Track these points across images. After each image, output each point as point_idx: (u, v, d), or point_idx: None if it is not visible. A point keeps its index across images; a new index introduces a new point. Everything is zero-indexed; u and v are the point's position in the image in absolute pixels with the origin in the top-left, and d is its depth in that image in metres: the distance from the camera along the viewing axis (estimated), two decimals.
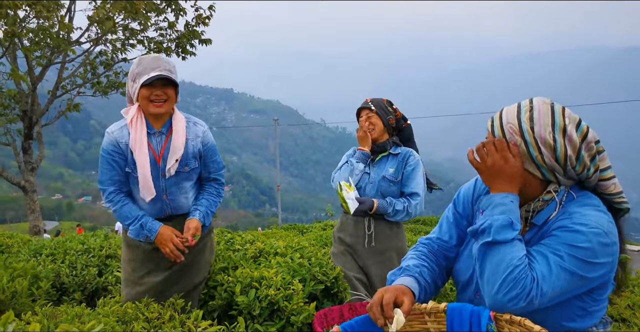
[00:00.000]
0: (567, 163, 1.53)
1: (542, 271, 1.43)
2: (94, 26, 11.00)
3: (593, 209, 1.53)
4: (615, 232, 1.51)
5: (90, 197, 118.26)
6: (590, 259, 1.44)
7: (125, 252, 2.90)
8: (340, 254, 3.44)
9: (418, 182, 3.44)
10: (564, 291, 1.45)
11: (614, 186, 1.59)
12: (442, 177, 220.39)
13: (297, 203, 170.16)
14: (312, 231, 11.07)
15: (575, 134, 1.52)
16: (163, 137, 2.77)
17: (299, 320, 2.49)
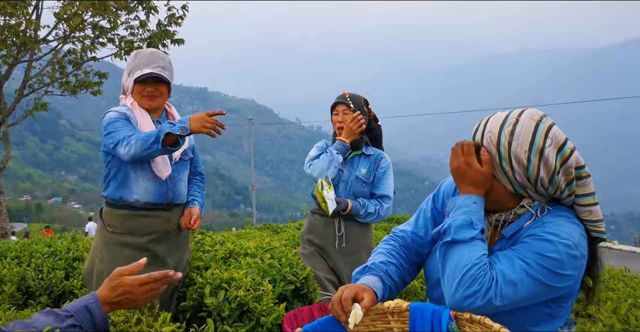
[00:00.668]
0: (538, 183, 1.51)
1: (502, 271, 1.44)
2: (61, 24, 10.80)
3: (566, 221, 1.53)
4: (585, 246, 1.51)
5: (60, 198, 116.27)
6: (557, 269, 1.44)
7: (105, 254, 2.78)
8: (310, 255, 3.43)
9: (389, 185, 3.48)
10: (527, 296, 1.46)
11: (589, 212, 1.57)
12: (417, 175, 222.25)
13: (273, 203, 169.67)
14: (287, 231, 11.06)
15: (554, 156, 1.49)
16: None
17: (269, 321, 2.48)
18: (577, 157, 1.52)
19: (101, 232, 2.83)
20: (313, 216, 3.51)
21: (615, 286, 3.32)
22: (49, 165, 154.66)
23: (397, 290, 1.76)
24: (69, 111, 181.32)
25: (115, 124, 2.68)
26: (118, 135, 2.63)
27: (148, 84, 2.77)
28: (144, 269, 2.72)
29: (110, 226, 2.79)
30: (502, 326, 1.29)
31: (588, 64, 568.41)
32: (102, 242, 2.81)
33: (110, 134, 2.66)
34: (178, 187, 2.90)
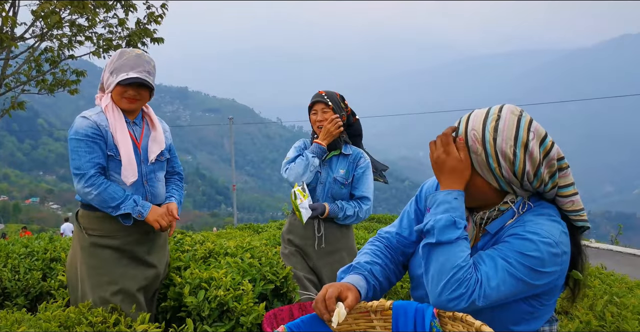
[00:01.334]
0: (524, 178, 1.53)
1: (487, 272, 1.45)
2: (39, 21, 10.63)
3: (547, 219, 1.54)
4: (566, 243, 1.52)
5: (38, 199, 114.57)
6: (538, 267, 1.45)
7: (85, 258, 2.72)
8: (290, 255, 3.40)
9: (369, 185, 3.43)
10: (509, 295, 1.47)
11: (571, 203, 1.60)
12: (397, 175, 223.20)
13: (254, 202, 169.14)
14: (268, 230, 11.02)
15: (538, 149, 1.51)
16: (138, 128, 2.84)
17: (249, 320, 2.47)
18: (557, 149, 1.55)
19: (78, 236, 2.77)
20: (293, 216, 3.46)
21: (592, 283, 3.36)
22: (27, 165, 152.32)
23: (381, 290, 1.76)
24: (47, 110, 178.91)
25: (79, 146, 2.63)
26: (78, 163, 2.62)
27: (131, 88, 2.72)
28: (123, 270, 2.71)
29: (87, 229, 2.73)
30: (483, 323, 1.30)
31: (561, 65, 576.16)
32: (80, 246, 2.74)
33: (72, 156, 2.64)
34: (155, 188, 2.88)
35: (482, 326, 1.29)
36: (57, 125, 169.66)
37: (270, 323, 2.41)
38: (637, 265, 11.07)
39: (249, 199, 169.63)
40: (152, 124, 2.92)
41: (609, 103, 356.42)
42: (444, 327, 1.42)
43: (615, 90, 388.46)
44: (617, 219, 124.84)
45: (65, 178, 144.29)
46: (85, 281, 2.71)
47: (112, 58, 2.77)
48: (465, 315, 1.35)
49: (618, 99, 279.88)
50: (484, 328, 1.29)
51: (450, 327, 1.41)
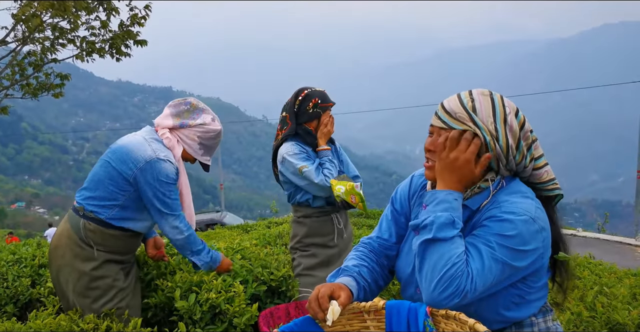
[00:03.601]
0: (509, 152, 1.56)
1: (476, 267, 1.45)
2: (20, 25, 10.51)
3: (520, 197, 1.55)
4: (543, 218, 1.54)
5: (24, 203, 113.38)
6: (520, 246, 1.47)
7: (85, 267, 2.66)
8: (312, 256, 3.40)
9: (352, 165, 3.62)
10: (496, 282, 1.47)
11: (546, 173, 1.64)
12: (384, 169, 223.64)
13: (242, 201, 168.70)
14: (257, 230, 10.99)
15: (516, 122, 1.56)
16: None
17: (242, 322, 2.47)
18: (528, 122, 1.60)
19: (81, 248, 2.68)
20: (308, 219, 3.43)
21: (581, 274, 3.40)
22: (11, 169, 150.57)
23: (371, 292, 1.77)
24: (30, 114, 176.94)
25: (172, 190, 2.75)
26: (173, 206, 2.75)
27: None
28: (126, 274, 2.74)
29: (98, 245, 2.68)
30: (477, 321, 1.30)
31: (543, 56, 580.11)
32: (83, 258, 2.67)
33: (165, 199, 2.71)
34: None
35: (476, 324, 1.29)
36: (42, 129, 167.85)
37: (267, 322, 2.41)
38: (624, 253, 11.19)
39: (237, 197, 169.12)
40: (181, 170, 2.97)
41: (592, 92, 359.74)
42: (437, 325, 1.42)
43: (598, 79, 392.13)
44: (603, 207, 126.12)
45: (51, 182, 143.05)
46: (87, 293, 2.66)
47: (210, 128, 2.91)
48: (459, 313, 1.36)
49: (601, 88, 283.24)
50: (477, 326, 1.29)
51: (444, 325, 1.41)
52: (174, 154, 2.78)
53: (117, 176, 2.64)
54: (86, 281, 2.65)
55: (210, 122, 2.87)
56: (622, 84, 39.86)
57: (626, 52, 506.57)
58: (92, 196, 2.68)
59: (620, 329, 2.35)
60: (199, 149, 2.88)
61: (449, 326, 1.40)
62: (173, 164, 2.73)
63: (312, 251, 3.43)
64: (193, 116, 2.84)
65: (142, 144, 2.69)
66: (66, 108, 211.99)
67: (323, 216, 3.43)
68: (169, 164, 2.69)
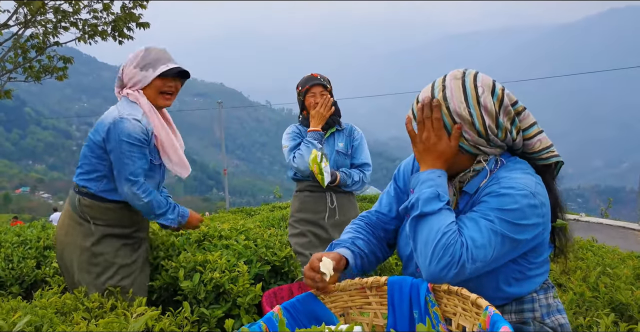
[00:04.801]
0: (489, 132, 1.55)
1: (471, 235, 1.45)
2: (22, 8, 10.46)
3: (520, 173, 1.56)
4: (543, 193, 1.54)
5: (28, 188, 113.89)
6: (520, 220, 1.46)
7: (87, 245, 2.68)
8: (300, 235, 3.51)
9: (366, 153, 3.64)
10: (497, 255, 1.47)
11: (539, 142, 1.62)
12: (387, 156, 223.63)
13: (245, 186, 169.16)
14: (260, 214, 11.05)
15: (491, 101, 1.55)
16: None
17: (246, 301, 2.48)
18: (508, 95, 1.58)
19: (80, 225, 2.71)
20: (301, 193, 3.58)
21: (584, 255, 3.40)
22: (15, 154, 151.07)
23: (369, 262, 1.78)
24: (34, 99, 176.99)
25: (133, 151, 2.60)
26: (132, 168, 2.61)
27: (172, 79, 2.74)
28: (131, 251, 2.74)
29: (95, 219, 2.69)
30: (479, 296, 1.30)
31: (548, 41, 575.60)
32: (83, 235, 2.69)
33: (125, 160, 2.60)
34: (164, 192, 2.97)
35: (478, 299, 1.30)
36: (45, 113, 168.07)
37: (270, 302, 2.43)
38: (627, 237, 11.21)
39: (240, 183, 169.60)
40: (171, 125, 2.91)
41: (597, 78, 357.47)
42: (439, 301, 1.43)
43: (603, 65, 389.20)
44: (606, 192, 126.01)
45: (55, 167, 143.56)
46: (90, 269, 2.68)
47: (135, 55, 2.71)
48: (460, 288, 1.36)
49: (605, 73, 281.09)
50: (479, 301, 1.29)
51: (446, 301, 1.42)
52: (141, 106, 2.68)
53: (94, 146, 2.66)
54: (87, 256, 2.67)
55: (132, 53, 2.76)
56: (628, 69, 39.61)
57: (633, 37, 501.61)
58: (81, 172, 2.71)
59: (623, 308, 2.36)
60: (145, 72, 2.68)
61: (450, 301, 1.40)
62: (139, 121, 2.62)
63: (300, 229, 3.51)
64: (126, 64, 2.75)
65: (111, 110, 2.70)
66: (69, 93, 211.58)
67: (317, 192, 3.51)
68: (133, 122, 2.60)
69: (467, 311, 1.35)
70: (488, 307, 1.24)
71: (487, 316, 1.22)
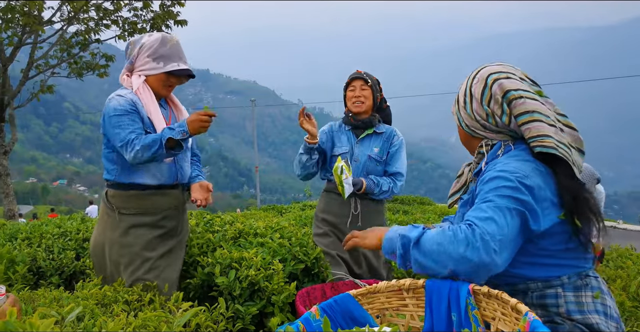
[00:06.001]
0: (477, 117, 1.76)
1: (474, 215, 1.50)
2: (65, 5, 10.73)
3: (517, 159, 1.62)
4: (540, 180, 1.56)
5: (65, 181, 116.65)
6: (516, 194, 1.50)
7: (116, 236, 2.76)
8: (324, 235, 3.43)
9: (402, 162, 3.48)
10: (511, 226, 1.47)
11: (528, 130, 1.65)
12: (419, 156, 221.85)
13: (276, 184, 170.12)
14: (291, 212, 11.10)
15: (479, 91, 1.75)
16: (164, 110, 2.89)
17: (280, 299, 2.51)
18: (500, 84, 1.70)
19: (109, 216, 2.79)
20: (328, 194, 3.52)
21: (624, 264, 3.33)
22: (54, 148, 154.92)
23: None
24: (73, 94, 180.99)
25: (121, 120, 2.65)
26: (123, 135, 2.61)
27: (177, 78, 2.80)
28: (159, 243, 2.77)
29: (120, 208, 2.76)
30: (519, 301, 1.29)
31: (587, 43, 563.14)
32: (111, 227, 2.78)
33: (116, 131, 2.64)
34: (184, 168, 2.94)
35: (518, 304, 1.29)
36: (84, 108, 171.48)
37: (303, 301, 2.44)
38: None
39: (270, 180, 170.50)
40: (175, 106, 2.97)
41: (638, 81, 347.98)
42: (478, 304, 1.42)
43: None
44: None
45: (92, 160, 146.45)
46: (119, 260, 2.74)
47: (150, 42, 2.74)
48: (501, 292, 1.35)
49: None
50: (519, 306, 1.28)
51: (485, 304, 1.41)
52: (134, 89, 2.73)
53: (103, 139, 2.77)
54: (116, 248, 2.74)
55: (148, 39, 2.77)
56: None
57: None
58: (104, 166, 2.81)
59: None
60: (156, 64, 2.74)
61: (490, 305, 1.39)
62: (123, 96, 2.68)
63: (324, 229, 3.45)
64: (134, 49, 2.79)
65: None
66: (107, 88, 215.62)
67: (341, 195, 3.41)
68: (117, 98, 2.68)
69: (506, 316, 1.34)
70: (528, 312, 1.24)
71: (527, 321, 1.22)
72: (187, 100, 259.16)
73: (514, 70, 1.76)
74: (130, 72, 2.84)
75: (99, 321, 1.79)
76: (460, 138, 1.91)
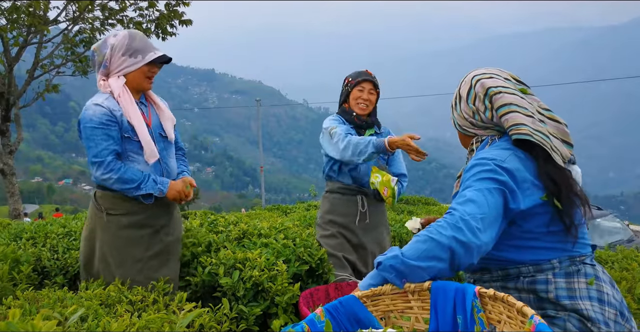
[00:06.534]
0: (465, 115, 1.88)
1: (455, 202, 1.60)
2: (70, 5, 10.76)
3: (497, 148, 1.74)
4: (518, 164, 1.65)
5: (71, 180, 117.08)
6: (495, 175, 1.61)
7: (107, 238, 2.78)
8: (332, 236, 3.41)
9: (403, 162, 3.50)
10: (492, 205, 1.56)
11: (506, 121, 1.74)
12: None
13: (281, 184, 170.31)
14: (296, 212, 11.09)
15: (466, 90, 1.87)
16: (144, 107, 2.89)
17: (284, 300, 2.50)
18: (482, 83, 1.82)
19: (97, 216, 2.82)
20: (332, 195, 3.48)
21: (629, 265, 3.30)
22: (59, 147, 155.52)
23: None
24: (78, 93, 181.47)
25: (95, 133, 2.65)
26: (95, 151, 2.65)
27: (155, 66, 2.83)
28: (149, 242, 2.78)
29: (108, 209, 2.78)
30: (525, 304, 1.29)
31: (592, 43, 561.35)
32: (100, 227, 2.80)
33: (89, 144, 2.66)
34: (169, 165, 2.94)
35: (524, 307, 1.28)
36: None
37: (307, 302, 2.44)
38: None
39: (275, 180, 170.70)
40: (155, 103, 2.97)
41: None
42: (484, 307, 1.41)
43: None
44: None
45: None
46: (109, 260, 2.77)
47: (119, 41, 2.73)
48: (507, 295, 1.34)
49: None
50: (525, 309, 1.28)
51: (491, 307, 1.40)
52: (112, 91, 2.74)
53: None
54: (106, 248, 2.76)
55: (115, 39, 2.76)
56: None
57: None
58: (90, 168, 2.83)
59: None
60: (134, 58, 2.74)
61: (495, 308, 1.38)
62: (100, 104, 2.68)
63: (331, 230, 3.42)
64: (103, 53, 2.77)
65: None
66: None
67: (348, 195, 3.41)
68: (93, 107, 2.68)
69: (512, 319, 1.33)
70: (533, 316, 1.23)
71: (533, 325, 1.21)
72: (193, 100, 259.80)
73: (499, 72, 1.87)
74: (106, 76, 2.82)
75: (102, 321, 1.79)
76: (459, 140, 2.01)
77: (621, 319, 1.64)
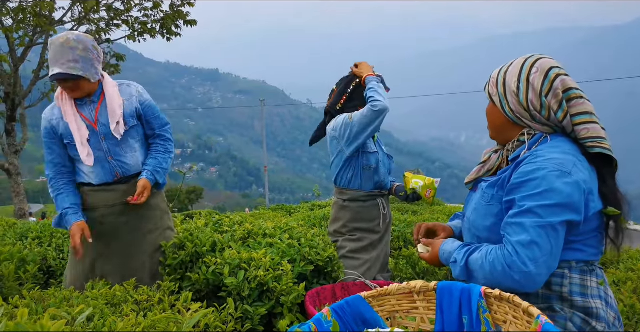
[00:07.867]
0: (531, 107, 1.68)
1: (517, 240, 1.54)
2: (76, 6, 10.80)
3: (559, 152, 1.61)
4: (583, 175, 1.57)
5: None
6: (560, 200, 1.52)
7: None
8: (358, 240, 3.42)
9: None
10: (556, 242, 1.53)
11: (586, 130, 1.65)
12: (427, 156, 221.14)
13: (285, 184, 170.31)
14: (300, 212, 11.10)
15: (540, 81, 1.67)
16: (95, 105, 2.82)
17: (289, 300, 2.50)
18: (563, 80, 1.67)
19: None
20: (353, 204, 3.44)
21: (635, 266, 3.30)
22: None
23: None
24: None
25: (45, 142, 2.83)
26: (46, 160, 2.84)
27: (62, 81, 2.69)
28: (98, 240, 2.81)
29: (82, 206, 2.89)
30: (531, 305, 1.28)
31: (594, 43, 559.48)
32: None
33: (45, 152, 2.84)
34: (125, 161, 2.88)
35: (530, 307, 1.28)
36: None
37: (313, 301, 2.44)
38: None
39: (279, 180, 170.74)
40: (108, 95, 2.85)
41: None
42: (490, 307, 1.41)
43: None
44: None
45: None
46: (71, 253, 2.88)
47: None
48: (513, 296, 1.34)
49: None
50: (531, 310, 1.27)
51: (496, 308, 1.40)
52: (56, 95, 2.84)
53: None
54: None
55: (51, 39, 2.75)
56: None
57: None
58: None
59: None
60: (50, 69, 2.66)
61: (501, 308, 1.38)
62: (46, 113, 2.83)
63: (358, 235, 3.44)
64: None
65: None
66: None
67: (370, 201, 3.44)
68: (44, 114, 2.84)
69: (518, 320, 1.33)
70: (540, 316, 1.22)
71: (539, 325, 1.21)
72: (197, 100, 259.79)
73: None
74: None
75: (108, 321, 1.79)
76: (492, 122, 1.84)
77: (617, 323, 1.66)
